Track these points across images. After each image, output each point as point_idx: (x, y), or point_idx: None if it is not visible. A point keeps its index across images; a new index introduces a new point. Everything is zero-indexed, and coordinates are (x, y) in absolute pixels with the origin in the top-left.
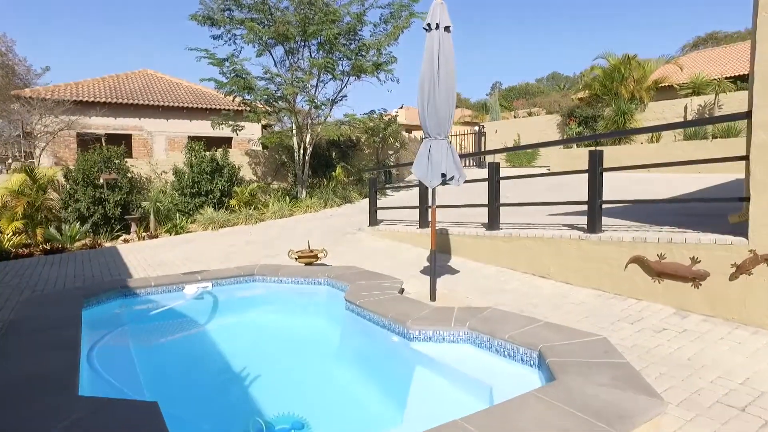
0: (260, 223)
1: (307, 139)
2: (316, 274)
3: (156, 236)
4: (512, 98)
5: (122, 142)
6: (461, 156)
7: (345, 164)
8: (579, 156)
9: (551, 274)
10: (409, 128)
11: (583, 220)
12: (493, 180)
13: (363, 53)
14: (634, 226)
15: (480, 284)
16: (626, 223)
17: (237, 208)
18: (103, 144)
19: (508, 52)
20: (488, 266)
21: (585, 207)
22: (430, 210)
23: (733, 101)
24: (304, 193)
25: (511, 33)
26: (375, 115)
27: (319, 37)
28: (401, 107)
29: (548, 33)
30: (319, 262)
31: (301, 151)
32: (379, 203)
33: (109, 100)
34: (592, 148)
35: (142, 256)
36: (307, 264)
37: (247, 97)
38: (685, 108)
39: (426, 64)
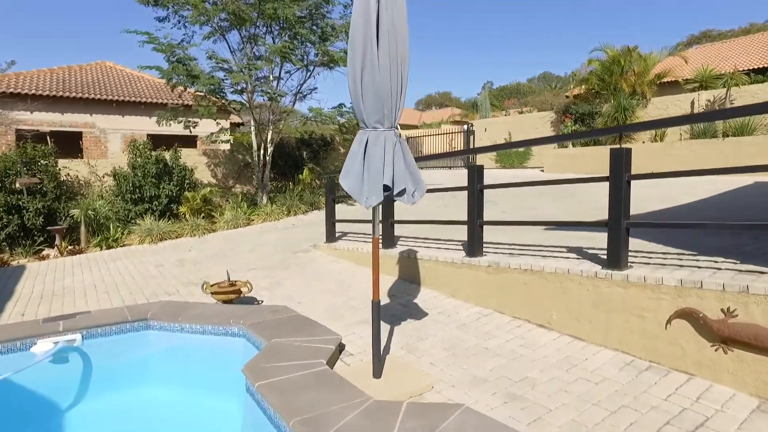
0: (209, 235)
1: (269, 138)
2: (230, 319)
3: (82, 251)
4: (503, 98)
5: (73, 140)
6: (442, 155)
7: (314, 166)
8: (575, 156)
9: (554, 323)
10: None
11: (594, 240)
12: (475, 188)
13: (331, 38)
14: (671, 254)
15: (453, 337)
16: (658, 248)
17: (187, 216)
18: (49, 142)
19: (500, 52)
20: (467, 306)
21: (580, 222)
22: (394, 233)
23: (746, 95)
24: (265, 198)
25: (503, 32)
26: (346, 109)
27: (281, 21)
28: None
29: (540, 32)
30: (247, 296)
31: (261, 152)
32: (351, 211)
33: (54, 93)
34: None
35: (46, 279)
36: (225, 302)
37: (194, 87)
38: (692, 103)
39: (358, 11)
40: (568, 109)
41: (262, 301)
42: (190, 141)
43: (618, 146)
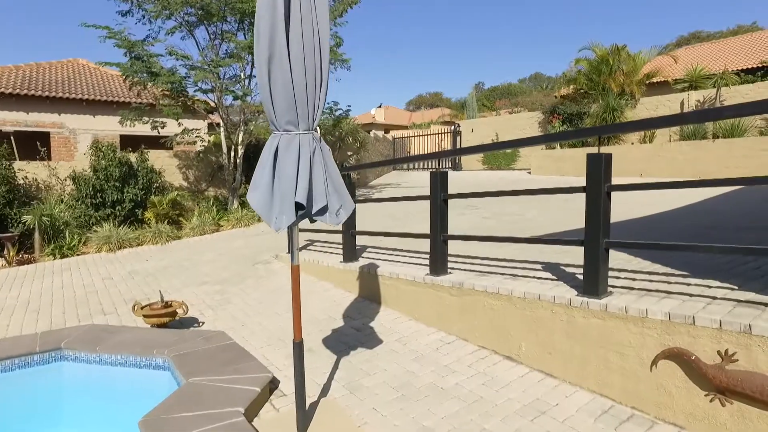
0: (174, 242)
1: (239, 139)
2: (154, 349)
3: (33, 261)
4: (495, 98)
5: (41, 141)
6: (411, 158)
7: None
8: (562, 158)
9: (522, 355)
10: (388, 128)
11: (575, 255)
12: (438, 198)
13: None
14: (657, 274)
15: (407, 373)
16: (643, 266)
17: (153, 222)
18: (12, 143)
19: (492, 53)
20: (429, 331)
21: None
22: (355, 244)
23: (736, 96)
24: (236, 203)
25: (495, 33)
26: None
27: (251, 16)
28: (380, 106)
29: (531, 34)
30: (187, 317)
31: (232, 154)
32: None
33: (18, 91)
34: (593, 151)
35: None
36: (159, 326)
37: (156, 85)
38: (682, 104)
39: None
40: (556, 109)
41: (203, 324)
42: (167, 143)
43: (596, 152)
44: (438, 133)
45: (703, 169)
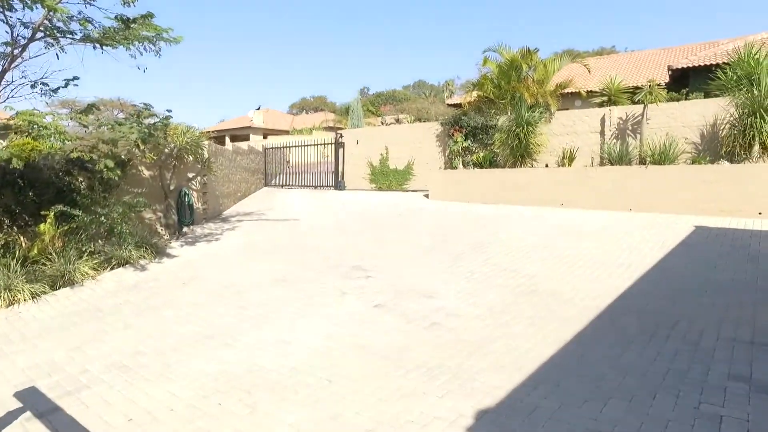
0: None
1: None
2: None
3: None
4: (380, 104)
5: None
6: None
7: (70, 210)
8: (466, 180)
9: None
10: (267, 133)
11: None
12: None
13: None
14: None
15: None
16: None
17: None
18: None
19: (376, 58)
20: None
21: None
22: None
23: (660, 115)
24: None
25: (380, 37)
26: (115, 112)
27: None
28: (258, 109)
29: (414, 40)
30: None
31: None
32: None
33: None
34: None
35: None
36: None
37: None
38: (603, 120)
39: None
40: (459, 120)
41: None
42: None
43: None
44: (320, 144)
45: (636, 201)
